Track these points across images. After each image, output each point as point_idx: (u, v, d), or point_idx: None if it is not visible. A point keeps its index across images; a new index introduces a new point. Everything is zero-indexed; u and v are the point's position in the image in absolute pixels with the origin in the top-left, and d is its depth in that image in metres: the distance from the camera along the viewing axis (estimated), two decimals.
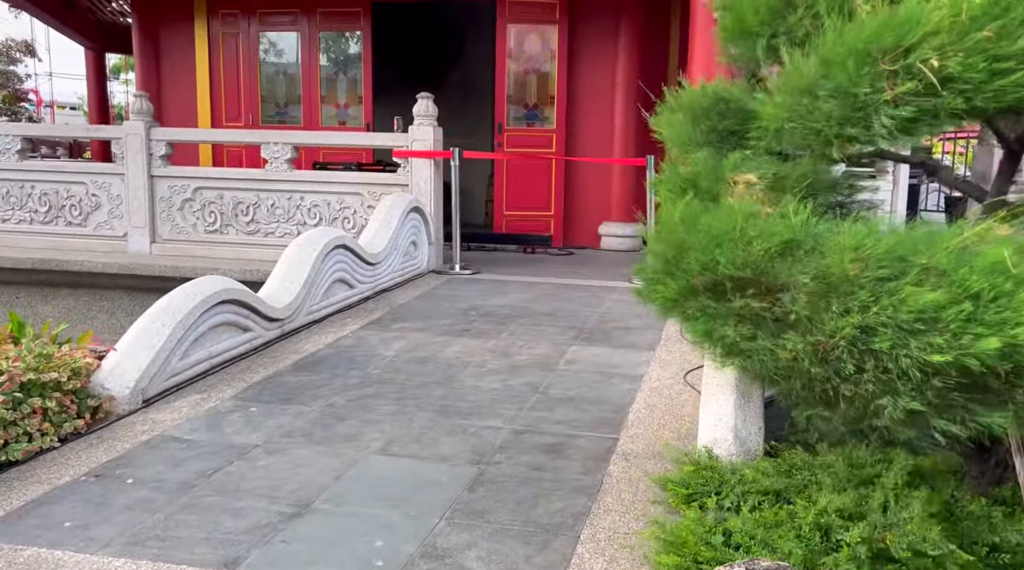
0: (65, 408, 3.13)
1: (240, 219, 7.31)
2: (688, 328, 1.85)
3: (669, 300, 1.85)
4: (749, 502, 2.33)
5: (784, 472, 2.53)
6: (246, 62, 9.65)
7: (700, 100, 2.59)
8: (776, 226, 1.64)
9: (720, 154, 2.36)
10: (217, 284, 4.04)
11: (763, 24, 2.14)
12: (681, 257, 1.81)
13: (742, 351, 1.71)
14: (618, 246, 8.54)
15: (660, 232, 1.95)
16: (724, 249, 1.67)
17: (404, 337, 4.66)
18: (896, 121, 1.54)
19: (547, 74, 8.50)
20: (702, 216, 1.81)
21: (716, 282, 1.74)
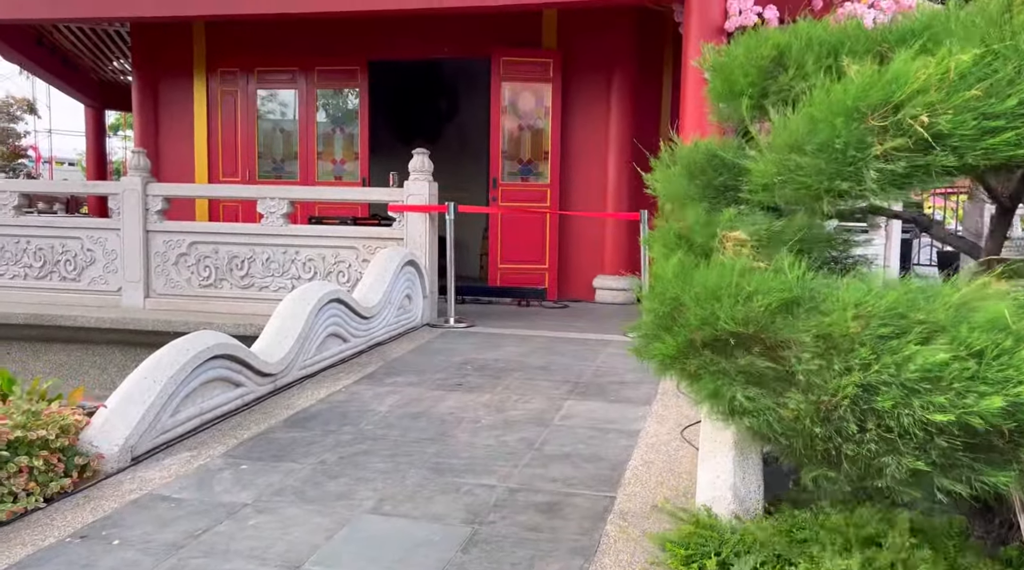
0: (52, 467, 3.07)
1: (235, 273, 7.30)
2: (691, 387, 1.82)
3: (668, 356, 1.84)
4: (750, 563, 2.28)
5: (785, 532, 2.48)
6: (244, 118, 9.79)
7: (694, 156, 2.62)
8: (773, 282, 1.64)
9: (715, 209, 2.37)
10: (210, 339, 4.01)
11: (752, 85, 2.18)
12: (677, 313, 1.81)
13: (747, 411, 1.69)
14: (612, 299, 8.55)
15: (654, 288, 1.95)
16: (723, 304, 1.67)
17: (398, 392, 4.61)
18: (886, 176, 1.56)
19: (541, 130, 8.62)
20: (696, 271, 1.81)
21: (717, 338, 1.73)
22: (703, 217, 2.24)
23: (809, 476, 1.83)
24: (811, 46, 2.00)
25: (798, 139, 1.80)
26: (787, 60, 2.12)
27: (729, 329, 1.67)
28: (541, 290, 8.50)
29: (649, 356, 1.91)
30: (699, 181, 2.51)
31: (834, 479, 1.78)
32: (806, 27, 2.11)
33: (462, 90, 12.90)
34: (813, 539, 2.38)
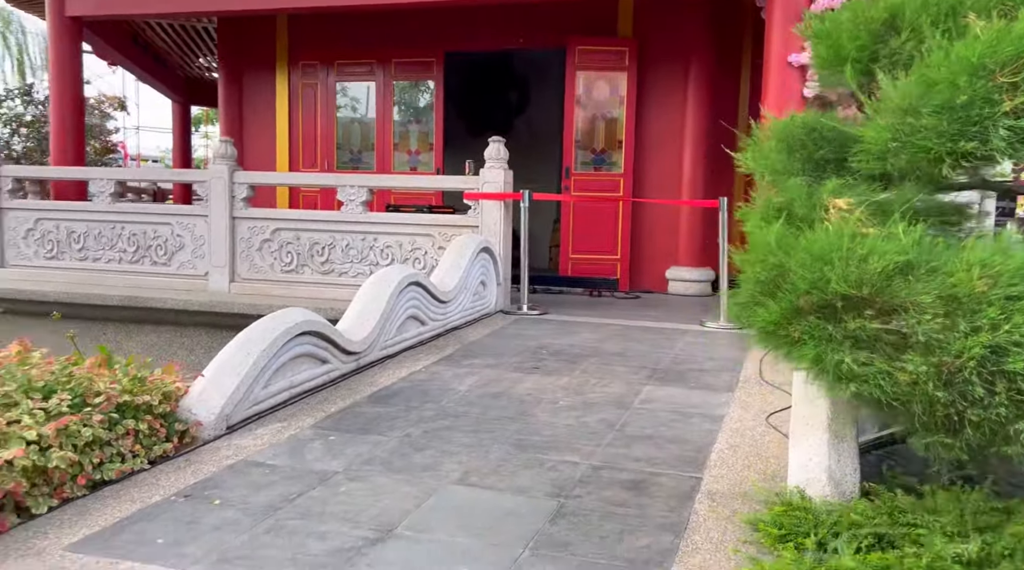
0: (155, 431, 3.22)
1: (316, 259, 7.49)
2: (791, 355, 1.79)
3: (771, 323, 1.81)
4: (852, 545, 2.23)
5: (886, 515, 2.42)
6: (323, 110, 10.02)
7: (793, 130, 2.57)
8: (888, 245, 1.60)
9: (816, 182, 2.33)
10: (298, 316, 4.13)
11: (862, 49, 2.13)
12: (781, 279, 1.78)
13: (856, 376, 1.66)
14: (685, 291, 8.45)
15: (754, 255, 1.92)
16: (834, 268, 1.64)
17: (476, 373, 4.66)
18: (1017, 133, 1.50)
19: (615, 119, 8.57)
20: (801, 237, 1.78)
21: (825, 302, 1.70)
22: (804, 190, 2.20)
23: (922, 443, 1.77)
24: (927, 7, 1.94)
25: (914, 102, 1.76)
26: (900, 23, 2.06)
27: (840, 292, 1.64)
28: (613, 280, 8.46)
29: (750, 323, 1.88)
30: (798, 154, 2.47)
31: (950, 446, 1.73)
32: None
33: (532, 83, 12.91)
34: (919, 523, 2.31)
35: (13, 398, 2.74)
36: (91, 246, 8.18)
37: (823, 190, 2.26)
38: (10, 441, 2.53)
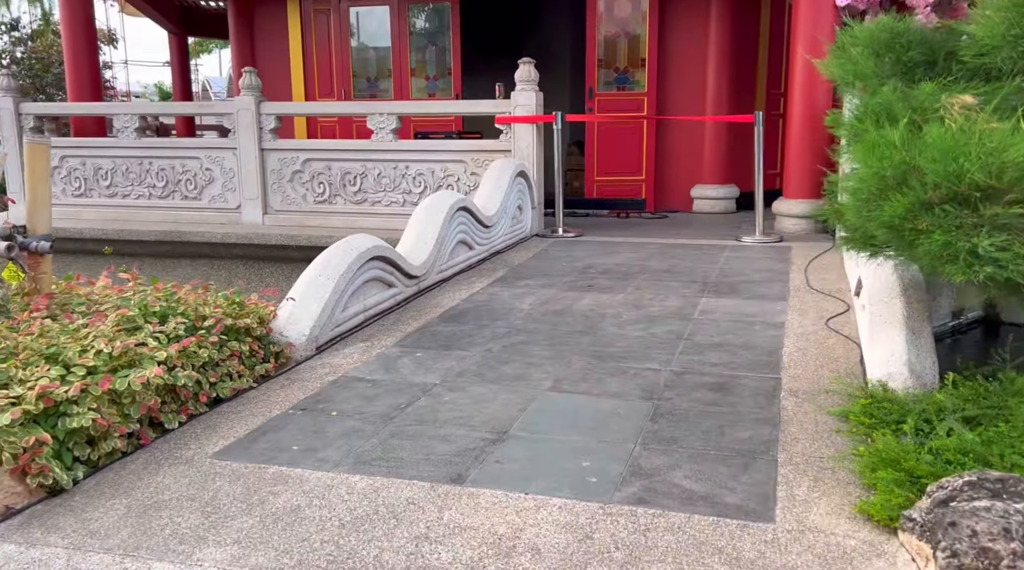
0: (255, 352, 3.37)
1: (348, 189, 7.55)
2: (918, 242, 1.92)
3: (897, 216, 1.94)
4: (944, 427, 2.41)
5: (971, 400, 2.60)
6: (337, 38, 9.88)
7: (879, 35, 2.64)
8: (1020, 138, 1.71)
9: (909, 85, 2.42)
10: (368, 242, 4.25)
11: None
12: (907, 175, 1.89)
13: (994, 260, 1.79)
14: (711, 209, 8.55)
15: (875, 154, 2.03)
16: (972, 160, 1.75)
17: (533, 293, 4.81)
18: None
19: (638, 37, 8.50)
20: (927, 135, 1.88)
21: (957, 194, 1.82)
22: (900, 92, 2.29)
23: None
24: None
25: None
26: None
27: (978, 183, 1.76)
28: (640, 201, 8.56)
29: (872, 219, 2.00)
30: (888, 59, 2.55)
31: None
32: None
33: (545, 1, 12.70)
34: (1004, 405, 2.50)
35: (136, 322, 2.87)
36: (120, 182, 8.22)
37: (920, 93, 2.36)
38: (144, 362, 2.68)
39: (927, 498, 1.97)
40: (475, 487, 2.34)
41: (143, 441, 2.66)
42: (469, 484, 2.36)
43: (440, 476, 2.41)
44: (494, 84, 11.59)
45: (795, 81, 6.63)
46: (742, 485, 2.32)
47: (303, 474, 2.44)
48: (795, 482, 2.33)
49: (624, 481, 2.36)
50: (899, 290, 3.19)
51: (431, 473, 2.43)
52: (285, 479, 2.41)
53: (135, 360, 2.70)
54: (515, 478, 2.39)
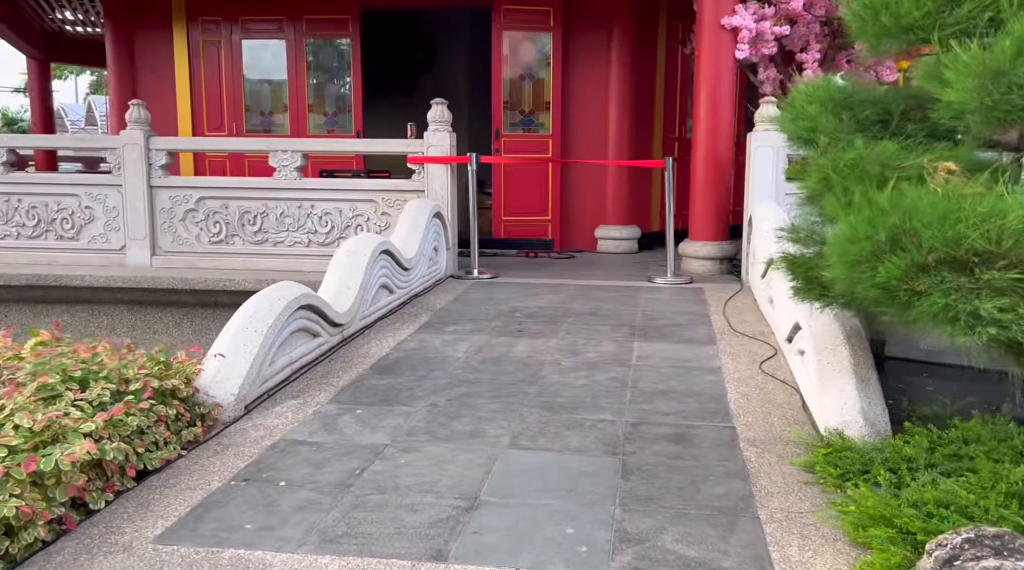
0: (181, 416, 3.06)
1: (247, 229, 7.17)
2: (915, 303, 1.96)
3: (894, 278, 1.97)
4: (922, 477, 2.45)
5: (930, 449, 2.68)
6: (229, 70, 9.48)
7: (831, 94, 2.73)
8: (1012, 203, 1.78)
9: (867, 143, 2.50)
10: (295, 289, 4.00)
11: (927, 17, 2.29)
12: (901, 238, 1.94)
13: (996, 321, 1.84)
14: (615, 249, 8.70)
15: (862, 217, 2.06)
16: (970, 226, 1.80)
17: (464, 339, 4.68)
18: None
19: (542, 80, 8.62)
20: (922, 199, 1.94)
21: (955, 258, 1.86)
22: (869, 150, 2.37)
23: None
24: None
25: (1006, 65, 1.94)
26: None
27: (976, 248, 1.81)
28: (547, 241, 8.60)
29: (866, 282, 2.02)
30: (845, 116, 2.63)
31: None
32: None
33: (440, 41, 12.73)
34: (966, 453, 2.58)
35: (56, 390, 2.53)
36: None
37: (884, 151, 2.44)
38: (69, 436, 2.35)
39: (929, 557, 1.98)
40: (460, 564, 2.17)
41: (68, 526, 2.33)
42: (453, 561, 2.19)
43: (419, 553, 2.23)
44: (390, 121, 11.47)
45: (699, 129, 6.88)
46: (734, 547, 2.27)
47: (265, 558, 2.19)
48: (784, 541, 2.30)
49: (615, 549, 2.26)
50: (843, 338, 3.29)
51: (408, 549, 2.24)
52: (245, 565, 2.16)
53: (59, 434, 2.37)
54: (500, 551, 2.25)
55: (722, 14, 6.65)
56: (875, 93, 2.67)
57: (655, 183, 9.18)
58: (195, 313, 7.16)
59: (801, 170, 2.72)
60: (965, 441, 2.72)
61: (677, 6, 8.99)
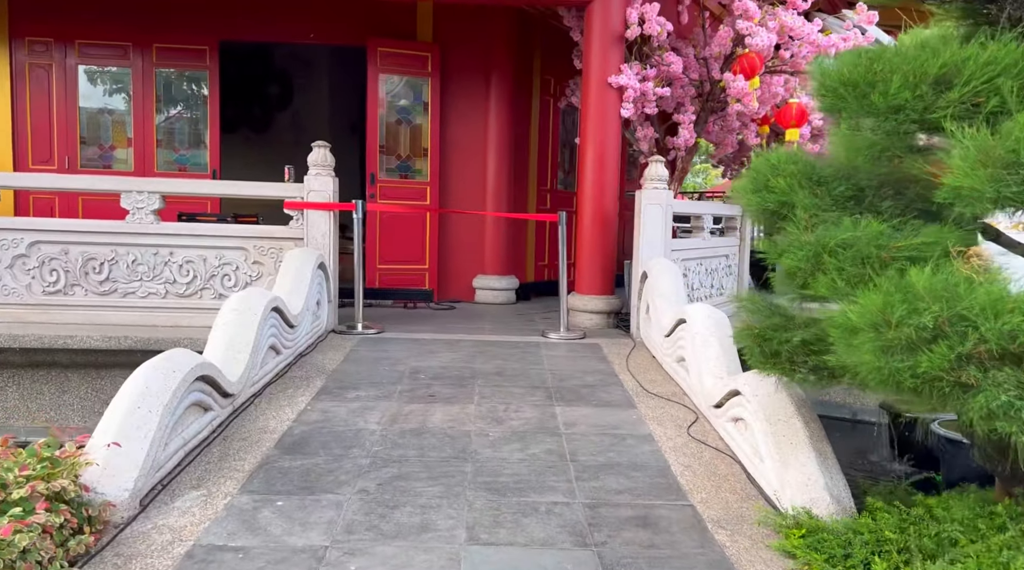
0: (67, 522, 2.49)
1: (91, 278, 6.32)
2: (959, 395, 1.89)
3: (937, 368, 1.90)
4: (914, 562, 2.40)
5: (898, 529, 2.65)
6: (61, 98, 8.49)
7: (802, 168, 2.71)
8: None
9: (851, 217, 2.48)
10: (190, 358, 3.45)
11: (920, 99, 2.31)
12: (947, 327, 1.87)
13: None
14: (493, 299, 8.53)
15: (893, 299, 1.99)
16: None
17: (372, 408, 4.27)
18: None
19: (420, 126, 8.38)
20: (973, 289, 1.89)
21: (1007, 351, 1.82)
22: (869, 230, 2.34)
23: None
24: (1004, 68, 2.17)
25: (1006, 155, 1.96)
26: (955, 78, 2.27)
27: None
28: (425, 291, 8.29)
29: (907, 370, 1.94)
30: (820, 191, 2.61)
31: None
32: (992, 48, 2.28)
33: (297, 77, 12.19)
34: (942, 532, 2.57)
35: None
36: None
37: (871, 230, 2.42)
38: None
39: None
40: None
41: None
42: None
43: None
44: (242, 158, 10.79)
45: (586, 184, 6.89)
46: None
47: None
48: None
49: None
50: (794, 409, 3.26)
51: None
52: None
53: None
54: None
55: (608, 73, 6.74)
56: (843, 168, 2.67)
57: (530, 233, 9.15)
58: (23, 376, 6.17)
59: (774, 247, 2.66)
60: (934, 517, 2.72)
61: (550, 61, 9.13)
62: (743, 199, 2.91)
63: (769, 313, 2.92)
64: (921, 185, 2.54)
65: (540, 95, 9.20)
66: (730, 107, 7.16)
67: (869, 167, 2.62)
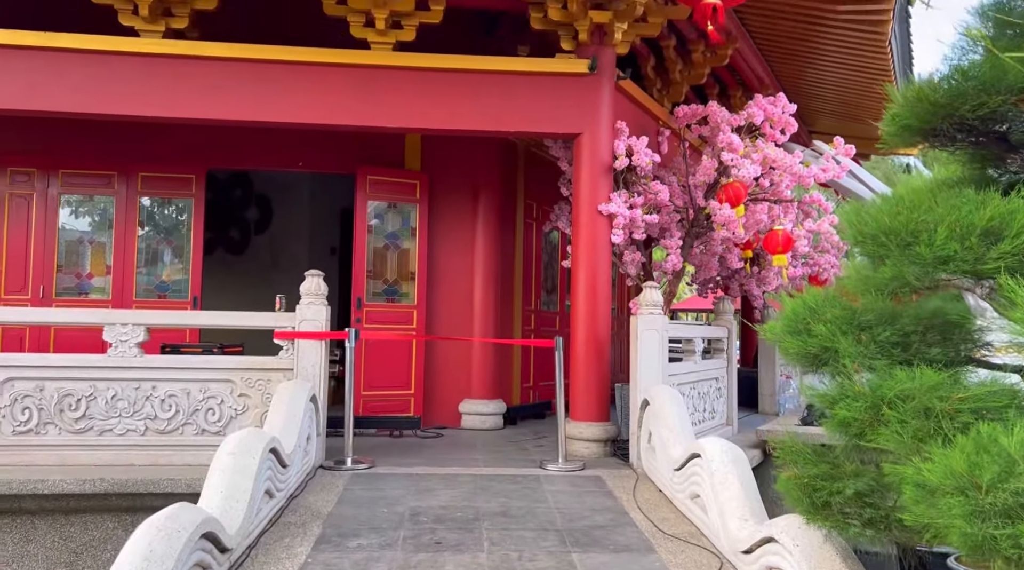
0: None
1: (67, 415, 6.02)
2: None
3: None
4: None
5: None
6: (40, 226, 8.36)
7: (842, 312, 2.68)
8: None
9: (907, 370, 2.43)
10: (194, 515, 3.21)
11: (969, 250, 2.31)
12: None
13: None
14: (481, 424, 8.31)
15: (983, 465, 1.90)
16: None
17: (377, 558, 4.00)
18: None
19: (407, 251, 8.39)
20: None
21: None
22: (925, 380, 2.29)
23: None
24: None
25: None
26: (1006, 230, 2.28)
27: None
28: (415, 418, 8.05)
29: (1007, 538, 1.83)
30: (864, 337, 2.57)
31: None
32: None
33: (276, 200, 12.25)
34: None
35: None
36: None
37: (927, 379, 2.36)
38: None
39: None
40: None
41: None
42: None
43: None
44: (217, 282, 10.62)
45: (579, 309, 6.88)
46: None
47: None
48: None
49: None
50: (840, 561, 3.10)
51: None
52: None
53: None
54: None
55: (598, 201, 6.86)
56: (886, 311, 2.65)
57: (516, 355, 9.05)
58: None
59: (827, 396, 2.59)
60: None
61: (532, 186, 9.32)
62: (780, 342, 2.86)
63: (815, 459, 2.82)
64: (966, 329, 2.51)
65: (524, 218, 9.34)
66: (716, 233, 7.30)
67: (913, 312, 2.60)
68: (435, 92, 6.76)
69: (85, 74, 6.53)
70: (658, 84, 8.81)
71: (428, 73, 6.75)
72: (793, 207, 7.65)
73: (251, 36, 6.76)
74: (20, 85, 6.49)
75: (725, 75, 9.45)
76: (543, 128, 7.03)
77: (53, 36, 6.48)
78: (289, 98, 6.67)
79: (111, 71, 6.56)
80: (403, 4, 6.67)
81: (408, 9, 6.71)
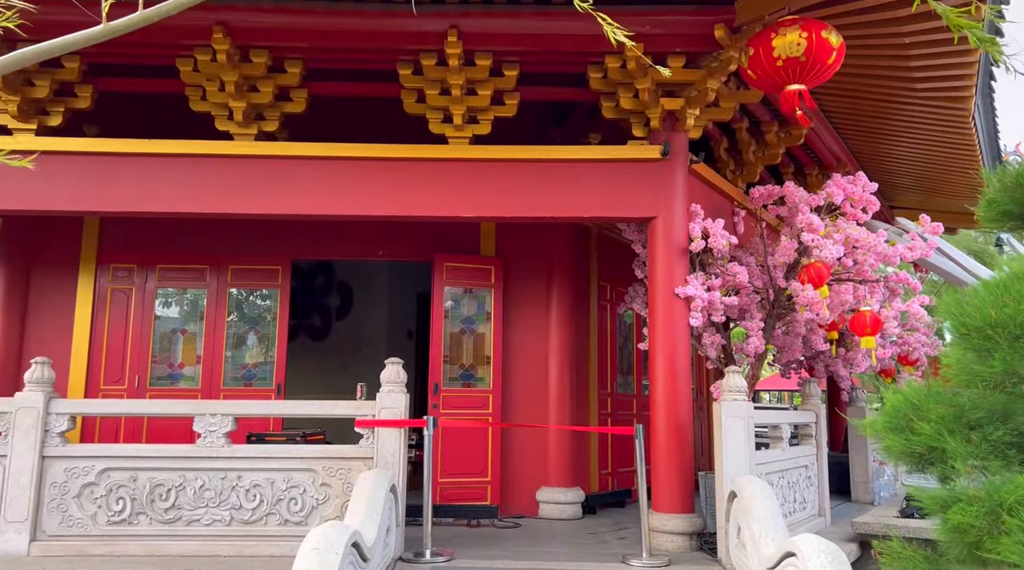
0: None
1: (157, 505, 6.16)
2: None
3: None
4: None
5: None
6: (138, 319, 8.77)
7: (948, 410, 2.54)
8: None
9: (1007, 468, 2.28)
10: None
11: None
12: None
13: None
14: (559, 514, 8.12)
15: None
16: None
17: None
18: None
19: (483, 335, 8.44)
20: None
21: None
22: None
23: None
24: None
25: None
26: None
27: None
28: (492, 507, 7.93)
29: None
30: (974, 437, 2.42)
31: None
32: None
33: (357, 288, 12.58)
34: None
35: None
36: None
37: None
38: None
39: None
40: None
41: None
42: None
43: None
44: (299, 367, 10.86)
45: (658, 395, 6.74)
46: None
47: None
48: None
49: None
50: None
51: None
52: None
53: None
54: None
55: (674, 284, 6.80)
56: (997, 408, 2.50)
57: (593, 441, 8.88)
58: None
59: (938, 499, 2.44)
60: None
61: (605, 267, 9.34)
62: (881, 439, 2.73)
63: (927, 567, 2.63)
64: None
65: (598, 300, 9.32)
66: (798, 314, 7.11)
67: (1017, 404, 2.45)
68: (510, 181, 6.92)
69: (185, 176, 6.94)
70: (731, 165, 8.80)
71: (503, 164, 6.93)
72: (879, 286, 7.41)
73: (335, 134, 7.11)
74: (129, 189, 6.93)
75: (800, 154, 9.38)
76: (616, 213, 7.07)
77: (157, 143, 6.95)
78: (372, 192, 6.92)
79: (208, 172, 6.96)
80: (479, 100, 6.91)
81: (484, 105, 6.96)
